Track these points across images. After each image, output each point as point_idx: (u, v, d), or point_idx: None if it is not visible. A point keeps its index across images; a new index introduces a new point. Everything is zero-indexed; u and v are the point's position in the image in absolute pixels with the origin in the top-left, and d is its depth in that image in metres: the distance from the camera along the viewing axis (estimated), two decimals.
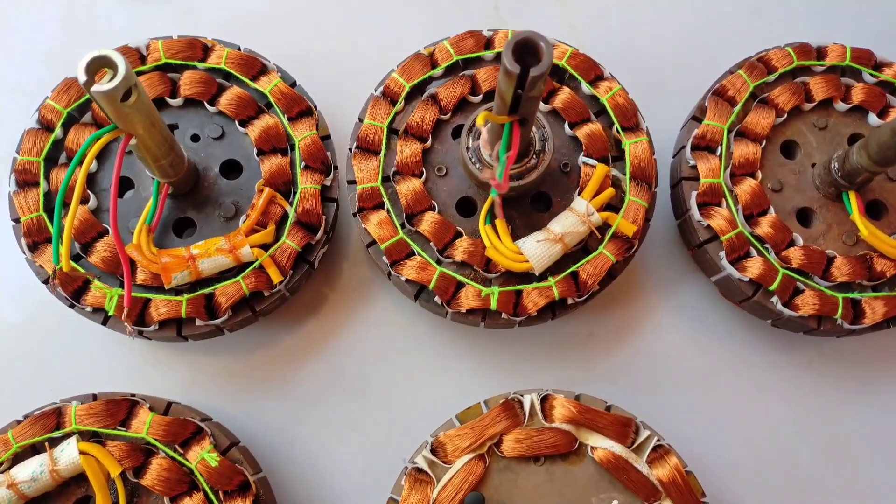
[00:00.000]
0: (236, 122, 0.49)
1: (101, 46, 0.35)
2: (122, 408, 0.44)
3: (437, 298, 0.47)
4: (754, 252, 0.48)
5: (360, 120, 0.50)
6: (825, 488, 0.52)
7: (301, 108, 0.50)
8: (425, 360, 0.53)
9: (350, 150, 0.50)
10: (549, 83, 0.50)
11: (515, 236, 0.47)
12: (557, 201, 0.49)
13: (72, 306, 0.46)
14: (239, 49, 0.51)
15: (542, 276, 0.47)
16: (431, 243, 0.47)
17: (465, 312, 0.47)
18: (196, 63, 0.50)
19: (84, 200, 0.47)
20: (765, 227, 0.48)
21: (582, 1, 0.61)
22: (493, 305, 0.46)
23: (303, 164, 0.48)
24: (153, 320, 0.45)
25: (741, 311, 0.53)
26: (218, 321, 0.46)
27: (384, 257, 0.47)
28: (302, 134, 0.49)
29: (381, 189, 0.48)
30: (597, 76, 0.51)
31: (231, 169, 0.49)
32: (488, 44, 0.51)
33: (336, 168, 0.50)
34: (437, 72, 0.50)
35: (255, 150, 0.48)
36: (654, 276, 0.56)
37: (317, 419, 0.52)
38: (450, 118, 0.50)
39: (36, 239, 0.46)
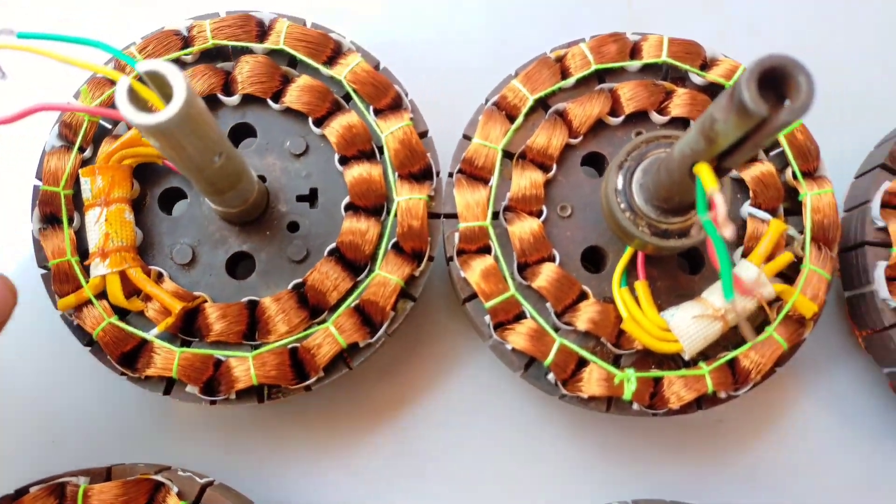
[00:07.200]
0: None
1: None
2: (142, 491, 0.34)
3: (550, 376, 0.36)
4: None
5: (467, 137, 0.39)
6: None
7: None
8: (519, 443, 0.43)
9: (451, 174, 0.39)
10: None
11: (658, 305, 0.36)
12: (710, 261, 0.38)
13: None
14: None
15: (691, 361, 0.36)
16: (548, 303, 0.37)
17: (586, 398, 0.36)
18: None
19: None
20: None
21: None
22: (628, 396, 0.36)
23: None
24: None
25: None
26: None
27: (486, 317, 0.37)
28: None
29: (490, 229, 0.37)
30: None
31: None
32: (634, 51, 0.40)
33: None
34: (568, 83, 0.39)
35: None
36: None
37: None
38: (580, 142, 0.39)
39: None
